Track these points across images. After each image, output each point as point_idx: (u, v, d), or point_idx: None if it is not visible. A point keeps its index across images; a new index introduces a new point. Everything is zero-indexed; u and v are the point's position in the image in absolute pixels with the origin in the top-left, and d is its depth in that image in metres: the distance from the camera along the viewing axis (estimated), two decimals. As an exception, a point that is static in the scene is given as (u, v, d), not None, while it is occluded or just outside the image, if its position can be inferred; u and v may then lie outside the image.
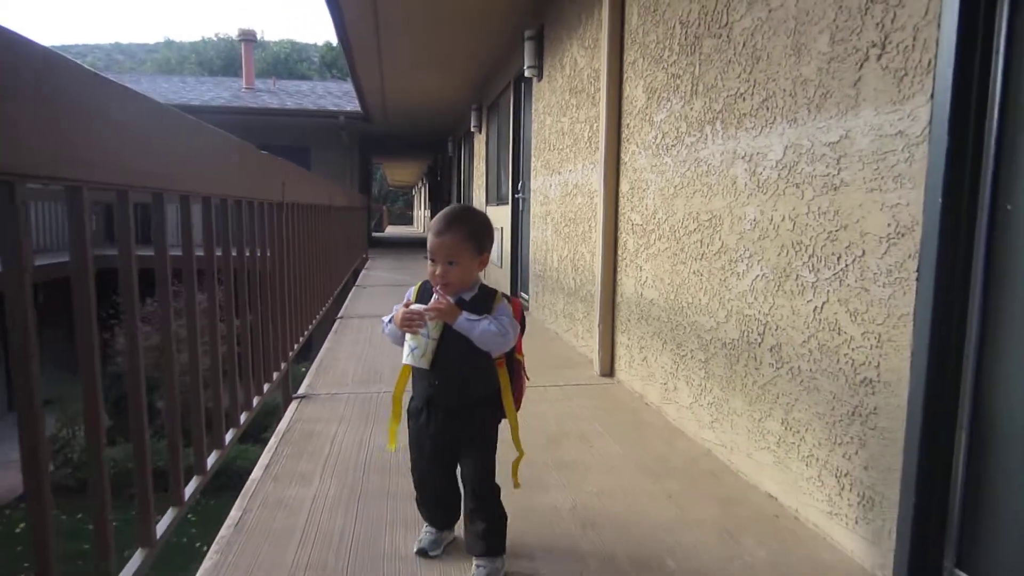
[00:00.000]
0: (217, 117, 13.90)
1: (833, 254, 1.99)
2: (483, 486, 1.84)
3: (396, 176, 35.33)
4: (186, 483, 1.92)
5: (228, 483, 7.03)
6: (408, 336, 1.80)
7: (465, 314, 1.74)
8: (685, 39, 2.97)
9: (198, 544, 7.64)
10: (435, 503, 1.94)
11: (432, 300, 1.75)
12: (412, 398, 1.89)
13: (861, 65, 1.88)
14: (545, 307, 5.81)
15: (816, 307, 2.07)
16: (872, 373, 1.84)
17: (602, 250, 3.92)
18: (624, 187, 3.76)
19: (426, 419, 1.84)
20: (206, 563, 1.90)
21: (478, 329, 1.73)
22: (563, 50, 5.13)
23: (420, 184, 34.73)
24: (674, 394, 3.11)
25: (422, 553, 1.89)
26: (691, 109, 2.92)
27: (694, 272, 2.89)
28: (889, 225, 1.77)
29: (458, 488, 1.92)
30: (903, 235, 1.72)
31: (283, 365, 3.39)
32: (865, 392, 1.87)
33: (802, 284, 2.14)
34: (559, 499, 2.30)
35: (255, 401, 2.78)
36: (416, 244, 18.55)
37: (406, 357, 1.80)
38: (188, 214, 1.97)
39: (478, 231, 1.80)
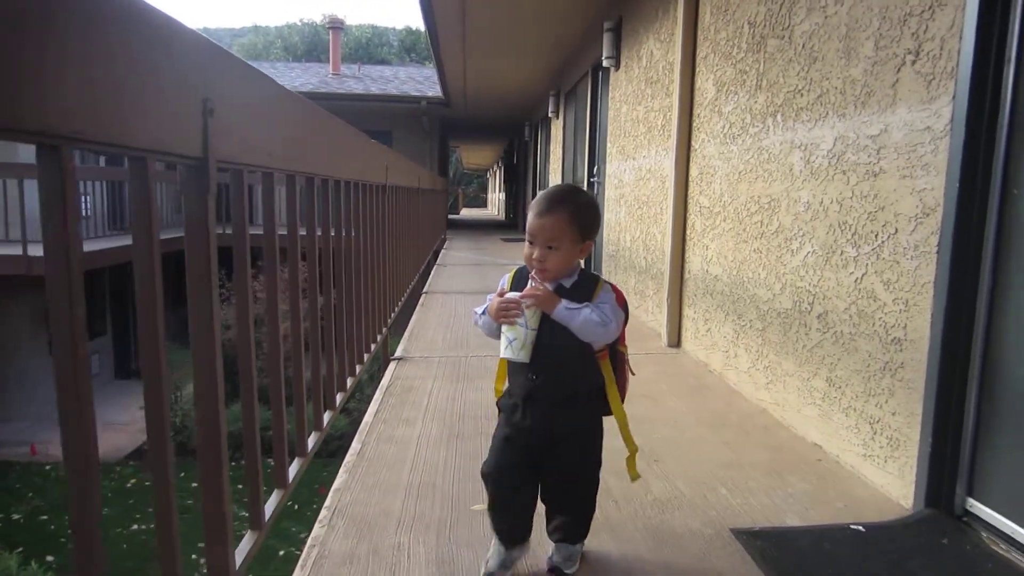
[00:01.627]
0: (306, 103, 14.68)
1: (871, 232, 2.29)
2: (586, 480, 1.74)
3: (471, 159, 35.94)
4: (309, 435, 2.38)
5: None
6: (505, 328, 1.66)
7: (565, 302, 1.60)
8: (752, 38, 3.27)
9: (289, 503, 8.35)
10: (515, 511, 1.75)
11: (528, 287, 1.63)
12: (506, 394, 1.76)
13: (899, 69, 2.17)
14: (619, 286, 6.14)
15: (857, 278, 2.38)
16: (900, 333, 2.15)
17: (672, 230, 4.25)
18: (694, 172, 4.08)
19: (522, 416, 1.68)
20: (337, 481, 2.36)
21: (579, 318, 1.59)
22: (640, 42, 5.43)
23: (495, 167, 35.22)
24: (734, 360, 3.44)
25: None
26: (755, 102, 3.22)
27: (754, 250, 3.21)
28: (917, 207, 2.07)
29: (536, 498, 1.77)
30: (928, 215, 2.03)
31: (384, 330, 3.87)
32: (894, 350, 2.18)
33: (846, 258, 2.45)
34: (628, 441, 2.68)
35: (366, 357, 3.25)
36: (490, 227, 19.08)
37: (504, 351, 1.66)
38: (312, 192, 2.39)
39: (584, 215, 1.64)
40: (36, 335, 11.68)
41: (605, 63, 6.33)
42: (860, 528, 1.99)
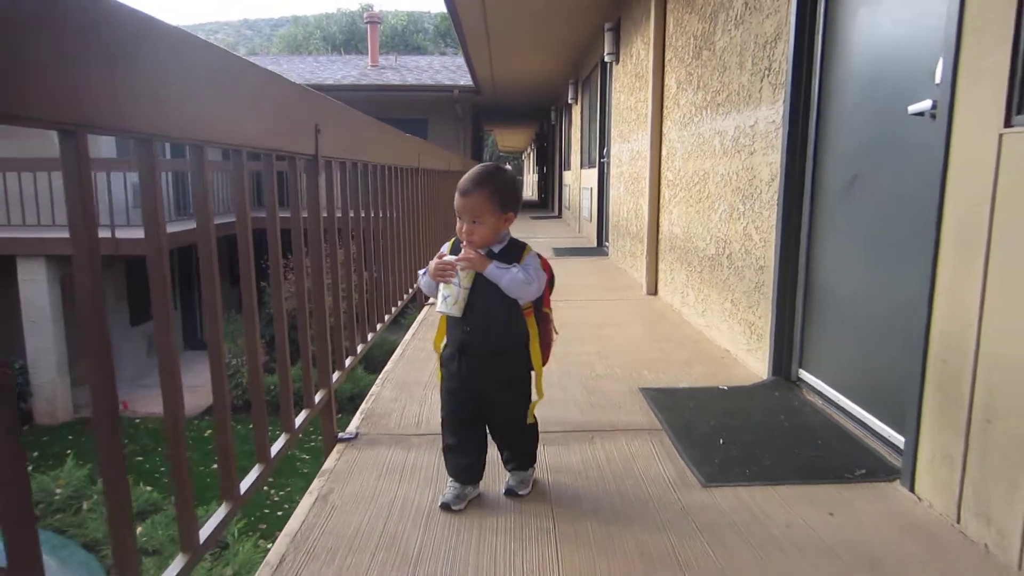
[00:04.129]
0: (348, 94, 15.84)
1: (750, 193, 3.28)
2: (519, 424, 1.99)
3: (506, 142, 36.89)
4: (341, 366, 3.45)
5: (347, 407, 8.87)
6: (441, 286, 1.90)
7: (495, 262, 1.86)
8: (694, 48, 4.24)
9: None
10: (465, 450, 1.99)
11: (462, 252, 1.89)
12: (445, 346, 2.00)
13: (763, 79, 3.15)
14: (619, 250, 7.15)
15: (744, 226, 3.37)
16: (763, 262, 3.14)
17: (649, 200, 5.24)
18: (664, 152, 5.06)
19: (458, 366, 1.94)
20: (386, 367, 3.46)
21: (508, 276, 1.84)
22: (631, 42, 6.39)
23: (529, 149, 36.11)
24: (686, 299, 4.44)
25: (445, 507, 1.94)
26: (697, 98, 4.20)
27: (696, 212, 4.20)
28: (769, 174, 3.06)
29: (486, 440, 2.02)
30: (774, 180, 3.01)
31: (415, 285, 4.94)
32: (760, 274, 3.17)
33: (739, 213, 3.44)
34: (590, 348, 3.72)
35: (401, 302, 4.32)
36: (523, 206, 20.04)
37: (439, 305, 1.91)
38: (367, 174, 3.44)
39: (502, 191, 1.88)
40: (119, 308, 13.14)
41: (607, 58, 7.29)
42: (724, 388, 3.01)
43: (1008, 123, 1.62)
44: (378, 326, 3.48)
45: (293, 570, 1.70)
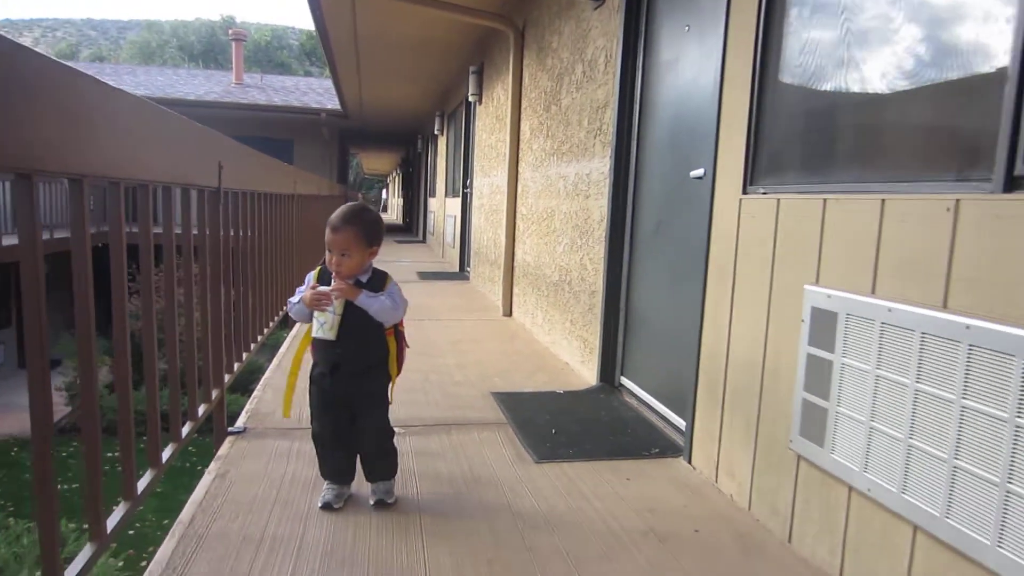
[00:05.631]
0: (211, 111, 15.61)
1: (586, 231, 3.94)
2: (382, 433, 2.26)
3: (372, 165, 36.97)
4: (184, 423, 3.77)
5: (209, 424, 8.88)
6: (316, 313, 2.13)
7: (365, 292, 2.11)
8: (544, 102, 4.91)
9: (199, 468, 9.48)
10: (339, 456, 2.25)
11: (334, 283, 2.10)
12: (314, 366, 2.23)
13: (596, 136, 3.82)
14: (479, 276, 7.74)
15: (580, 258, 4.02)
16: (595, 288, 3.79)
17: (506, 231, 5.85)
18: (519, 189, 5.70)
19: (330, 383, 2.17)
20: (265, 374, 3.80)
21: (377, 304, 2.10)
22: (493, 86, 7.05)
23: (395, 173, 36.38)
24: (536, 319, 5.06)
25: (327, 507, 2.19)
26: (546, 145, 4.86)
27: (544, 244, 4.84)
28: (599, 216, 3.72)
29: (355, 446, 2.25)
30: (602, 220, 3.67)
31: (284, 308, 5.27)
32: (592, 297, 3.82)
33: (577, 246, 4.09)
34: (450, 361, 4.23)
35: (265, 331, 4.65)
36: (387, 230, 20.37)
37: (316, 331, 2.15)
38: (264, 204, 3.81)
39: (368, 229, 2.11)
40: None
41: (471, 98, 7.91)
42: (560, 391, 3.61)
43: (744, 191, 2.31)
44: (259, 337, 3.83)
45: (204, 525, 2.08)
